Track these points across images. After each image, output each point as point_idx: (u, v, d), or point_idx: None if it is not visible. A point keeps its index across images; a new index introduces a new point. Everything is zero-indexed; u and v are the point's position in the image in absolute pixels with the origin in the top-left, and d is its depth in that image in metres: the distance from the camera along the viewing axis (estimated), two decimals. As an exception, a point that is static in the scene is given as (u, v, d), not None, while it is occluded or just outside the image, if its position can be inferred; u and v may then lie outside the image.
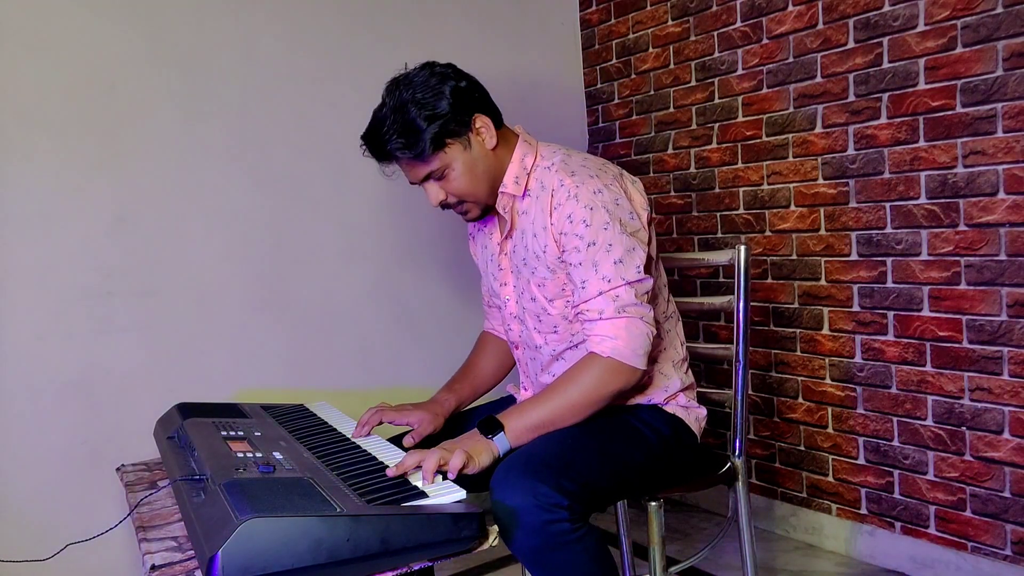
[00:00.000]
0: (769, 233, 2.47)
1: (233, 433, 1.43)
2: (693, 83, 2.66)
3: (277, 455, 1.30)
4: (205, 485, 1.17)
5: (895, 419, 2.20)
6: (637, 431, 1.47)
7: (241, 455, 1.28)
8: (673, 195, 2.76)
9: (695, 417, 1.57)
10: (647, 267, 1.45)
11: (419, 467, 1.26)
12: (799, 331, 2.42)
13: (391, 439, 1.55)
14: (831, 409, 2.35)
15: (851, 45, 2.20)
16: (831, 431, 2.36)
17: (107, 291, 2.15)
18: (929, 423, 2.12)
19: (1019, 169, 1.90)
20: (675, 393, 1.55)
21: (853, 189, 2.24)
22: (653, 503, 1.48)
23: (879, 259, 2.20)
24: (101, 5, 2.14)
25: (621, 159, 2.93)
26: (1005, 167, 1.92)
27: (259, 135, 2.37)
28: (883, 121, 2.15)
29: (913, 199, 2.11)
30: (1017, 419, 1.95)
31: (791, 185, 2.39)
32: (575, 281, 1.45)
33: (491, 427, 1.37)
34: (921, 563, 2.16)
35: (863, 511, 2.31)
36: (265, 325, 2.38)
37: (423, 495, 1.18)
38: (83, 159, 2.13)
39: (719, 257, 1.72)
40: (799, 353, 2.42)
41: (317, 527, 1.02)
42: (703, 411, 1.59)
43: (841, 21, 2.21)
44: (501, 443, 1.36)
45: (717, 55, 2.56)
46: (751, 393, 2.57)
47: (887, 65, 2.12)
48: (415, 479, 1.25)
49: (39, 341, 2.08)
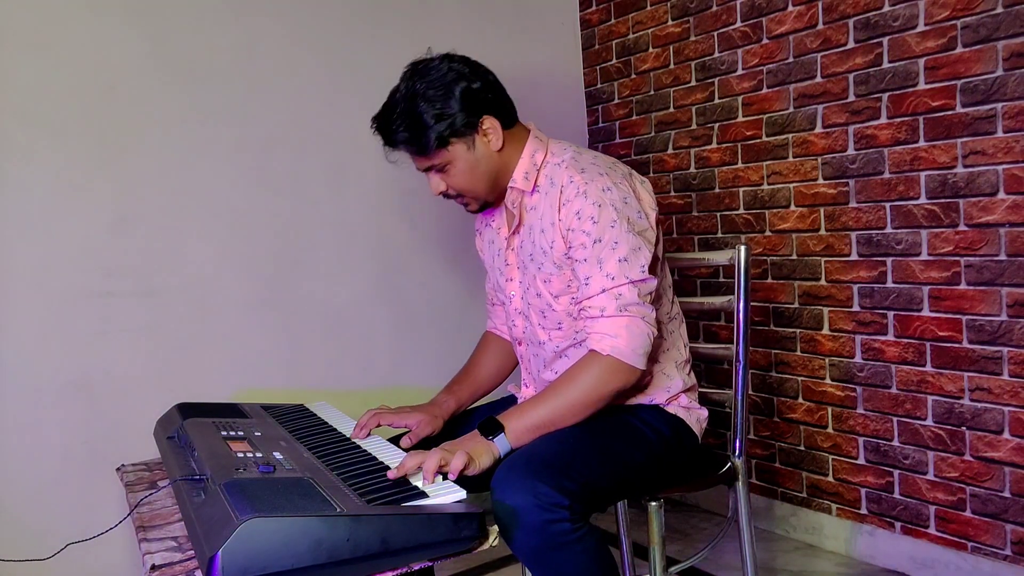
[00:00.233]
0: (769, 233, 2.47)
1: (233, 433, 1.43)
2: (693, 83, 2.66)
3: (277, 455, 1.30)
4: (205, 485, 1.17)
5: (895, 419, 2.20)
6: (638, 431, 1.47)
7: (241, 455, 1.28)
8: (673, 195, 2.76)
9: (696, 418, 1.57)
10: (652, 268, 1.45)
11: (420, 468, 1.26)
12: (799, 331, 2.42)
13: (390, 439, 1.55)
14: (831, 409, 2.35)
15: (851, 45, 2.20)
16: (831, 431, 2.36)
17: (107, 291, 2.15)
18: (929, 423, 2.12)
19: (1019, 169, 1.90)
20: (677, 394, 1.55)
21: (853, 189, 2.23)
22: (653, 503, 1.48)
23: (879, 259, 2.20)
24: (102, 5, 2.14)
25: (621, 159, 2.92)
26: (1005, 167, 1.92)
27: (259, 135, 2.37)
28: (883, 121, 2.15)
29: (913, 199, 2.11)
30: (1017, 419, 1.95)
31: (791, 185, 2.39)
32: (579, 277, 1.45)
33: (491, 428, 1.37)
34: (921, 563, 2.16)
35: (863, 511, 2.31)
36: (265, 325, 2.38)
37: (423, 495, 1.18)
38: (83, 159, 2.13)
39: (719, 257, 1.72)
40: (799, 353, 2.42)
41: (317, 527, 1.02)
42: (704, 412, 1.59)
43: (841, 21, 2.21)
44: (502, 444, 1.36)
45: (717, 55, 2.56)
46: (751, 393, 2.57)
47: (887, 65, 2.12)
48: (415, 479, 1.25)
49: (39, 341, 2.08)
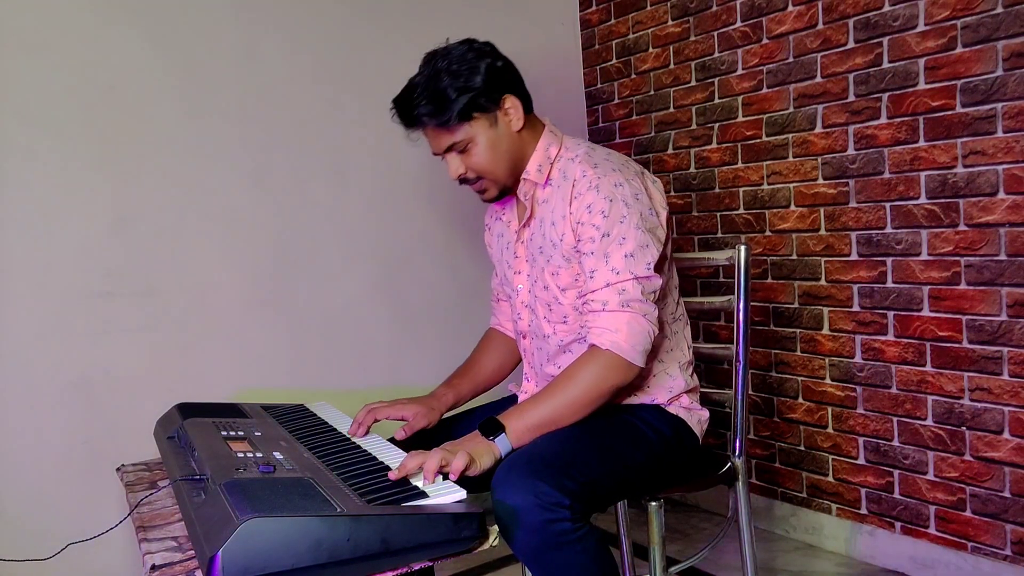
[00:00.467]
0: (769, 233, 2.47)
1: (233, 433, 1.43)
2: (693, 83, 2.66)
3: (277, 455, 1.30)
4: (205, 485, 1.17)
5: (895, 419, 2.20)
6: (639, 431, 1.47)
7: (241, 455, 1.28)
8: (673, 195, 2.76)
9: (697, 419, 1.57)
10: (659, 266, 1.45)
11: (421, 468, 1.26)
12: (799, 331, 2.42)
13: (391, 439, 1.55)
14: (831, 409, 2.35)
15: (851, 45, 2.20)
16: (831, 431, 2.36)
17: (107, 291, 2.15)
18: (929, 423, 2.12)
19: (1019, 169, 1.90)
20: (679, 394, 1.55)
21: (853, 189, 2.23)
22: (653, 503, 1.48)
23: (879, 259, 2.20)
24: (101, 5, 2.14)
25: (621, 159, 2.93)
26: (1005, 167, 1.92)
27: (259, 135, 2.37)
28: (883, 121, 2.15)
29: (913, 199, 2.11)
30: (1017, 419, 1.95)
31: (791, 185, 2.39)
32: (585, 270, 1.45)
33: (492, 428, 1.37)
34: (921, 563, 2.16)
35: (863, 511, 2.30)
36: (265, 325, 2.38)
37: (423, 495, 1.18)
38: (83, 159, 2.13)
39: (719, 257, 1.72)
40: (799, 353, 2.42)
41: (317, 527, 1.02)
42: (706, 413, 1.59)
43: (841, 21, 2.21)
44: (503, 444, 1.36)
45: (717, 55, 2.56)
46: (751, 393, 2.57)
47: (887, 65, 2.12)
48: (416, 479, 1.24)
49: (39, 341, 2.08)
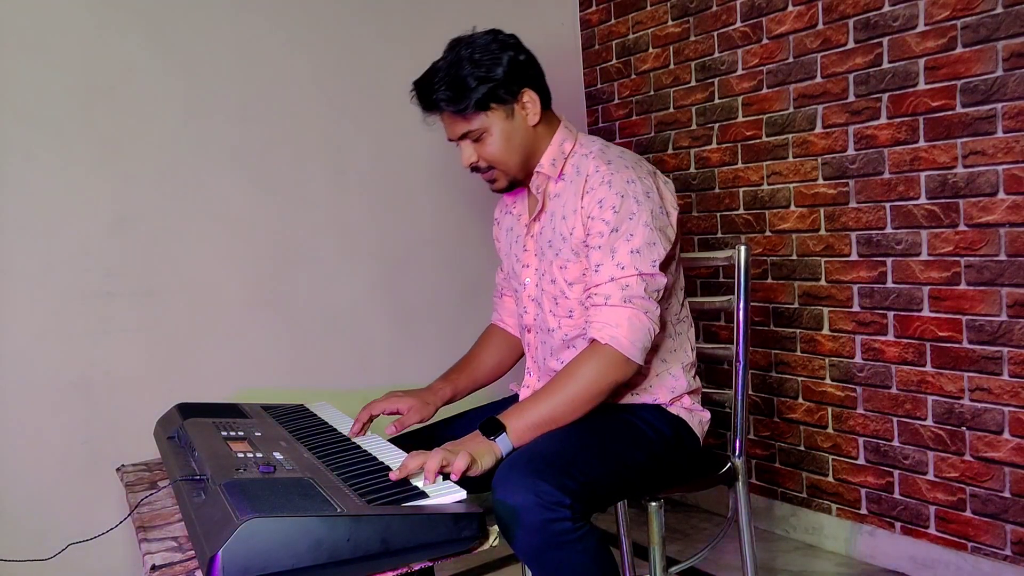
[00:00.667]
0: (769, 233, 2.47)
1: (233, 433, 1.43)
2: (693, 83, 2.66)
3: (277, 455, 1.30)
4: (205, 485, 1.17)
5: (895, 419, 2.20)
6: (639, 431, 1.47)
7: (241, 455, 1.28)
8: (673, 195, 2.76)
9: (698, 420, 1.57)
10: (666, 266, 1.45)
11: (422, 468, 1.26)
12: (799, 331, 2.42)
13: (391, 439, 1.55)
14: (831, 409, 2.35)
15: (851, 45, 2.20)
16: (831, 431, 2.36)
17: (107, 291, 2.15)
18: (929, 423, 2.12)
19: (1019, 169, 1.90)
20: (681, 395, 1.55)
21: (853, 189, 2.23)
22: (653, 503, 1.48)
23: (879, 259, 2.20)
24: (101, 5, 2.14)
25: (621, 159, 2.93)
26: (1005, 167, 1.92)
27: (259, 135, 2.37)
28: (883, 121, 2.15)
29: (913, 199, 2.11)
30: (1017, 419, 1.95)
31: (791, 185, 2.39)
32: (591, 264, 1.46)
33: (493, 428, 1.37)
34: (921, 563, 2.16)
35: (863, 511, 2.30)
36: (265, 325, 2.38)
37: (423, 495, 1.18)
38: (83, 159, 2.13)
39: (719, 257, 1.72)
40: (799, 353, 2.42)
41: (317, 527, 1.02)
42: (707, 414, 1.59)
43: (841, 21, 2.21)
44: (503, 444, 1.35)
45: (717, 55, 2.56)
46: (751, 393, 2.57)
47: (887, 65, 2.12)
48: (416, 479, 1.24)
49: (39, 341, 2.08)
